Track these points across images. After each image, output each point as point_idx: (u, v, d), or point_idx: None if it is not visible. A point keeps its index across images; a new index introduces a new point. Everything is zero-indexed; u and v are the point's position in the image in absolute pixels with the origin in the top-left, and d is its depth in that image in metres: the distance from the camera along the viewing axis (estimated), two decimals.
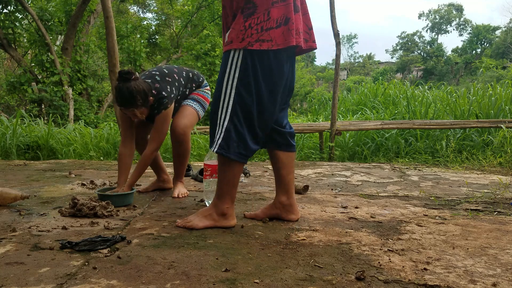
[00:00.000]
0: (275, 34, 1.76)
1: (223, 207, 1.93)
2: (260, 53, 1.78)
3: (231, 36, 1.81)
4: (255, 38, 1.75)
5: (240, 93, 1.81)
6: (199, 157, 4.64)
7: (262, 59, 1.79)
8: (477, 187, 3.04)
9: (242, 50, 1.78)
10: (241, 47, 1.78)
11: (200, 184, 3.08)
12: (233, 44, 1.80)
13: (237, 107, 1.81)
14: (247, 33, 1.76)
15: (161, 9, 16.97)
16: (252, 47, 1.76)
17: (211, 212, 1.94)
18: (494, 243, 1.77)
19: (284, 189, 2.07)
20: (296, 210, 2.11)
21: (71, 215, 2.11)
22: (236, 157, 1.84)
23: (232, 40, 1.80)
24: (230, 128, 1.82)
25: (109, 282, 1.32)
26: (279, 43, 1.77)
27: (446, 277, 1.40)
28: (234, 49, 1.80)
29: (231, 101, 1.82)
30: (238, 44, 1.78)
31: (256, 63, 1.79)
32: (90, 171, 3.65)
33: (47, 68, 9.43)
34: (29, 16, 9.51)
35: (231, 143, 1.82)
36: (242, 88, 1.80)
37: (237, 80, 1.80)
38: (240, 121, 1.82)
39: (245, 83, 1.80)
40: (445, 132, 5.14)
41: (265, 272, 1.42)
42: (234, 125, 1.82)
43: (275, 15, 1.76)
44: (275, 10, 1.76)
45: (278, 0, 1.77)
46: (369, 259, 1.56)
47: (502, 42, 34.09)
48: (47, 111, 8.67)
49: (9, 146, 4.64)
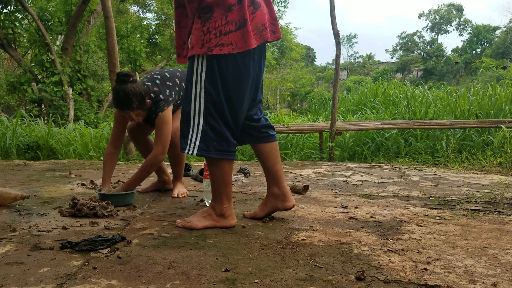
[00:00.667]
0: (235, 37, 1.77)
1: (221, 208, 1.93)
2: (222, 56, 1.78)
3: (192, 42, 1.82)
4: (214, 43, 1.76)
5: (209, 92, 1.81)
6: (199, 157, 4.64)
7: (226, 62, 1.80)
8: (477, 187, 3.04)
9: (204, 55, 1.79)
10: (201, 52, 1.79)
11: (200, 184, 3.08)
12: (193, 50, 1.81)
13: (210, 106, 1.82)
14: (205, 38, 1.76)
15: (161, 9, 16.96)
16: (211, 52, 1.77)
17: (210, 212, 1.95)
18: (494, 243, 1.77)
19: (274, 180, 2.07)
20: (290, 197, 2.09)
21: (71, 215, 2.11)
22: (219, 155, 1.85)
23: (193, 46, 1.81)
24: (206, 128, 1.83)
25: (109, 282, 1.32)
26: (239, 46, 1.78)
27: (446, 277, 1.40)
28: (197, 55, 1.81)
29: (202, 101, 1.82)
30: (198, 50, 1.79)
31: (221, 65, 1.80)
32: (90, 171, 3.65)
33: (47, 68, 9.43)
34: (29, 16, 9.51)
35: (210, 142, 1.83)
36: (211, 87, 1.81)
37: (204, 80, 1.81)
38: (215, 119, 1.83)
39: (212, 82, 1.81)
40: (445, 132, 5.14)
41: (265, 272, 1.42)
42: (210, 125, 1.83)
43: (233, 18, 1.76)
44: (233, 14, 1.76)
45: (235, 3, 1.76)
46: (369, 259, 1.56)
47: (502, 42, 34.09)
48: (47, 111, 8.67)
49: (9, 146, 4.64)
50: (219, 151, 1.84)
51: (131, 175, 3.41)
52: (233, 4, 1.76)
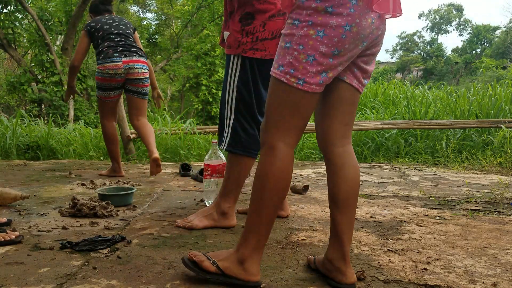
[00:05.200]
0: (269, 45, 1.86)
1: (224, 206, 1.94)
2: (254, 60, 1.88)
3: (229, 41, 1.91)
4: (249, 46, 1.86)
5: (241, 91, 1.90)
6: (199, 157, 4.63)
7: (258, 65, 1.89)
8: (477, 187, 3.04)
9: (239, 55, 1.89)
10: (236, 53, 1.89)
11: (200, 184, 3.08)
12: (231, 49, 1.91)
13: (240, 104, 1.90)
14: (242, 41, 1.86)
15: (161, 9, 16.97)
16: (245, 54, 1.86)
17: (211, 211, 1.96)
18: (494, 243, 1.77)
19: None
20: (286, 207, 2.17)
21: (71, 215, 2.11)
22: (243, 152, 1.91)
23: (230, 46, 1.90)
24: (235, 125, 1.92)
25: (109, 282, 1.32)
26: (272, 53, 1.86)
27: (446, 277, 1.40)
28: (233, 55, 1.91)
29: (233, 100, 1.91)
30: (235, 50, 1.89)
31: (254, 68, 1.89)
32: (90, 171, 3.65)
33: (47, 68, 9.42)
34: (29, 16, 9.50)
35: (238, 139, 1.91)
36: (243, 87, 1.89)
37: (238, 79, 1.90)
38: (245, 118, 1.92)
39: (244, 82, 1.89)
40: (445, 132, 5.13)
41: (265, 272, 1.42)
42: (240, 122, 1.91)
43: (270, 28, 1.85)
44: (272, 23, 1.85)
45: (275, 14, 1.85)
46: (369, 259, 1.56)
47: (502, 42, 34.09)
48: (47, 111, 8.66)
49: (9, 146, 4.64)
50: (244, 148, 1.92)
51: (131, 175, 3.42)
52: (273, 14, 1.85)
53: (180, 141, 4.81)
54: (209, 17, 13.74)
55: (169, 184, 3.09)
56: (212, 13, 13.73)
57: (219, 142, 2.01)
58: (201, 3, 13.37)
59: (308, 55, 1.17)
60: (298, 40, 1.18)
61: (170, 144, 4.76)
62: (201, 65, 11.54)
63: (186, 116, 9.92)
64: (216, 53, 11.59)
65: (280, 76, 1.21)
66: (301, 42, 1.17)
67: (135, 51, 3.15)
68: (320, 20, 1.15)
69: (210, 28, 12.82)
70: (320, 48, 1.16)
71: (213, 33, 12.38)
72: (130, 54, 3.10)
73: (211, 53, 11.64)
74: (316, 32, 1.16)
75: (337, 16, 1.15)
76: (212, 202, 2.02)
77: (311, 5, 1.16)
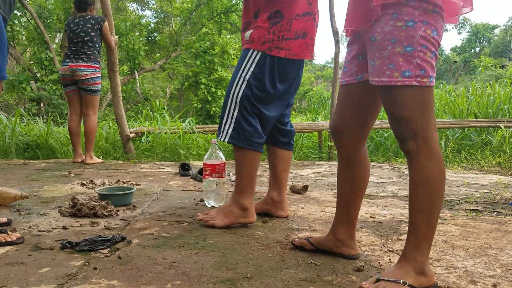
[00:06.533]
0: (293, 44, 1.89)
1: (245, 202, 1.95)
2: (277, 58, 1.90)
3: (253, 36, 1.92)
4: (275, 44, 1.88)
5: (251, 86, 1.90)
6: (198, 156, 4.63)
7: (279, 64, 1.91)
8: (476, 187, 3.05)
9: (262, 51, 1.90)
10: (261, 49, 1.90)
11: (199, 183, 3.08)
12: (254, 44, 1.91)
13: (248, 99, 1.90)
14: (268, 38, 1.88)
15: (160, 7, 16.92)
16: (270, 52, 1.89)
17: (232, 208, 1.96)
18: (494, 243, 1.77)
19: (277, 185, 2.15)
20: (286, 208, 2.17)
21: (71, 215, 2.11)
22: (248, 146, 1.91)
23: (254, 41, 1.91)
24: (240, 118, 1.91)
25: (110, 282, 1.32)
26: (295, 53, 1.90)
27: (447, 277, 1.41)
28: (254, 49, 1.91)
29: (240, 93, 1.91)
30: (259, 46, 1.90)
31: (274, 66, 1.90)
32: (90, 171, 3.65)
33: (46, 66, 9.41)
34: (27, 14, 9.48)
35: (242, 132, 1.91)
36: (254, 82, 1.90)
37: (250, 74, 1.90)
38: (249, 112, 1.91)
39: (258, 78, 1.90)
40: (444, 131, 5.14)
41: (265, 272, 1.42)
42: (244, 116, 1.91)
43: (295, 27, 1.89)
44: (296, 23, 1.89)
45: (300, 14, 1.89)
46: (369, 260, 1.57)
47: (501, 41, 34.10)
48: (46, 110, 8.65)
49: (8, 145, 4.63)
50: (249, 142, 1.91)
51: (130, 175, 3.42)
52: (298, 14, 1.89)
53: (179, 140, 4.80)
54: (208, 15, 13.71)
55: (168, 183, 3.09)
56: (211, 11, 13.70)
57: (218, 132, 2.00)
58: (200, 0, 13.35)
59: (432, 52, 1.22)
60: (420, 41, 1.21)
61: (169, 143, 4.76)
62: (200, 64, 11.53)
63: (185, 115, 9.91)
64: (215, 51, 11.58)
65: (410, 81, 1.21)
66: (423, 42, 1.21)
67: (81, 58, 3.98)
68: (431, 19, 1.21)
69: (209, 26, 12.80)
70: (436, 45, 1.23)
71: (212, 31, 12.36)
72: (76, 60, 3.96)
73: (210, 51, 11.62)
74: (432, 31, 1.21)
75: (441, 16, 1.23)
76: (230, 200, 2.02)
77: (422, 5, 1.20)
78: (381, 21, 1.24)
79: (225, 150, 4.83)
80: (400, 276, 1.25)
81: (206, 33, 12.05)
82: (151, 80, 17.73)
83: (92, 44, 4.02)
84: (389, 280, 1.25)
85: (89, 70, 3.98)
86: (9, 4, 1.86)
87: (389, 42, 1.22)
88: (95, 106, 4.14)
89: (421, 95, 1.23)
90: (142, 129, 4.95)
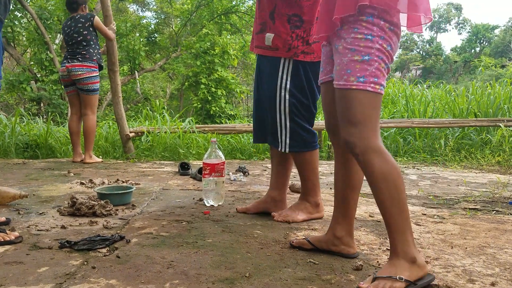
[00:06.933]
0: (316, 47, 1.92)
1: (316, 199, 2.07)
2: (305, 63, 1.96)
3: (276, 43, 1.95)
4: (301, 49, 1.93)
5: (294, 94, 1.97)
6: (198, 155, 4.63)
7: (308, 68, 1.96)
8: (475, 186, 3.05)
9: (290, 58, 1.95)
10: (288, 56, 1.94)
11: (199, 183, 3.08)
12: (279, 52, 1.96)
13: (294, 106, 1.97)
14: (293, 44, 1.92)
15: (160, 8, 16.91)
16: (297, 58, 1.94)
17: (306, 205, 2.08)
18: (493, 242, 1.77)
19: (280, 184, 2.19)
20: (286, 207, 2.20)
21: (70, 214, 2.11)
22: (308, 148, 2.02)
23: (278, 48, 1.95)
24: (294, 127, 1.99)
25: (108, 281, 1.32)
26: (319, 56, 1.92)
27: (445, 276, 1.40)
28: (283, 58, 1.96)
29: (287, 103, 1.97)
30: (285, 53, 1.95)
31: (306, 70, 1.96)
32: (89, 170, 3.65)
33: (46, 67, 9.41)
34: (28, 14, 9.49)
35: (300, 138, 1.99)
36: (295, 89, 1.97)
37: (290, 82, 1.96)
38: (300, 118, 1.99)
39: (297, 85, 1.96)
40: (443, 131, 5.14)
41: (264, 271, 1.42)
42: (296, 123, 1.99)
43: None
44: None
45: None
46: (368, 258, 1.57)
47: (501, 41, 34.09)
48: (46, 110, 8.66)
49: (8, 145, 4.63)
50: (307, 146, 2.02)
51: (130, 174, 3.42)
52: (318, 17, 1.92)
53: (179, 140, 4.80)
54: (208, 16, 13.70)
55: (168, 183, 3.09)
56: (212, 11, 13.69)
57: (273, 144, 2.06)
58: (201, 1, 13.34)
59: (385, 63, 1.35)
60: (377, 53, 1.33)
61: (169, 142, 4.76)
62: (200, 64, 11.52)
63: (185, 115, 9.91)
64: (215, 52, 11.57)
65: (364, 86, 1.32)
66: (379, 54, 1.33)
67: (76, 58, 4.00)
68: (387, 36, 1.34)
69: (210, 27, 12.79)
70: (389, 58, 1.37)
71: (212, 31, 12.36)
72: (72, 60, 4.01)
73: (210, 51, 11.62)
74: (387, 46, 1.34)
75: (395, 34, 1.36)
76: (300, 198, 2.12)
77: (380, 23, 1.32)
78: (344, 33, 1.37)
79: (224, 150, 4.84)
80: (395, 272, 1.29)
81: (206, 33, 12.04)
82: (151, 80, 17.72)
83: (87, 43, 4.02)
84: (386, 277, 1.28)
85: (84, 70, 3.99)
86: (4, 5, 1.86)
87: (349, 51, 1.34)
88: (93, 106, 4.14)
89: (372, 100, 1.34)
90: (142, 128, 4.95)
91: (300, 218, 2.04)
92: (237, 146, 5.08)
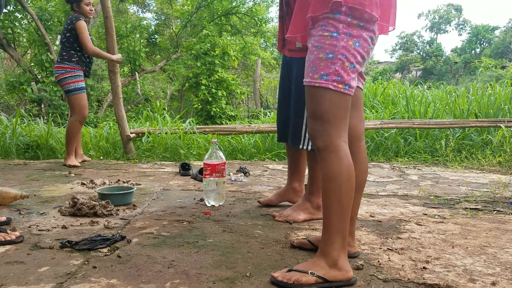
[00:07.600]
0: None
1: (319, 200, 2.09)
2: None
3: None
4: None
5: None
6: (199, 156, 4.63)
7: None
8: (476, 186, 3.05)
9: None
10: None
11: (199, 183, 3.08)
12: None
13: None
14: None
15: (160, 9, 16.94)
16: None
17: (307, 206, 2.10)
18: (494, 242, 1.77)
19: (299, 177, 2.34)
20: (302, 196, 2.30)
21: (71, 214, 2.12)
22: None
23: None
24: None
25: (109, 281, 1.32)
26: None
27: (446, 276, 1.40)
28: None
29: None
30: None
31: None
32: (90, 170, 3.65)
33: (47, 68, 9.42)
34: (28, 16, 9.50)
35: None
36: None
37: None
38: None
39: None
40: (444, 131, 5.14)
41: (265, 271, 1.42)
42: None
43: None
44: None
45: None
46: (369, 258, 1.57)
47: (501, 42, 34.09)
48: (46, 111, 8.67)
49: (9, 146, 4.64)
50: None
51: (131, 174, 3.42)
52: None
53: (179, 141, 4.80)
54: (208, 17, 13.72)
55: (169, 183, 3.09)
56: (212, 13, 13.71)
57: (295, 143, 2.09)
58: (201, 3, 13.36)
59: (351, 63, 1.32)
60: (341, 51, 1.31)
61: (170, 143, 4.76)
62: (200, 65, 11.53)
63: (185, 116, 9.92)
64: (216, 53, 11.58)
65: (327, 84, 1.32)
66: (343, 52, 1.31)
67: (57, 59, 3.94)
68: (355, 32, 1.32)
69: (210, 28, 12.80)
70: (357, 57, 1.34)
71: (212, 33, 12.37)
72: (56, 62, 3.95)
73: (210, 53, 11.63)
74: (354, 43, 1.32)
75: (366, 30, 1.34)
76: (302, 199, 2.16)
77: (347, 19, 1.31)
78: (313, 31, 1.37)
79: (225, 150, 4.84)
80: (310, 268, 1.33)
81: (206, 35, 12.06)
82: (151, 81, 17.74)
83: (69, 44, 3.89)
84: (298, 271, 1.32)
85: (59, 71, 3.87)
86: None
87: (316, 48, 1.34)
88: (74, 107, 3.92)
89: (335, 98, 1.33)
90: (142, 129, 4.95)
91: (301, 218, 2.06)
92: (238, 146, 5.08)
